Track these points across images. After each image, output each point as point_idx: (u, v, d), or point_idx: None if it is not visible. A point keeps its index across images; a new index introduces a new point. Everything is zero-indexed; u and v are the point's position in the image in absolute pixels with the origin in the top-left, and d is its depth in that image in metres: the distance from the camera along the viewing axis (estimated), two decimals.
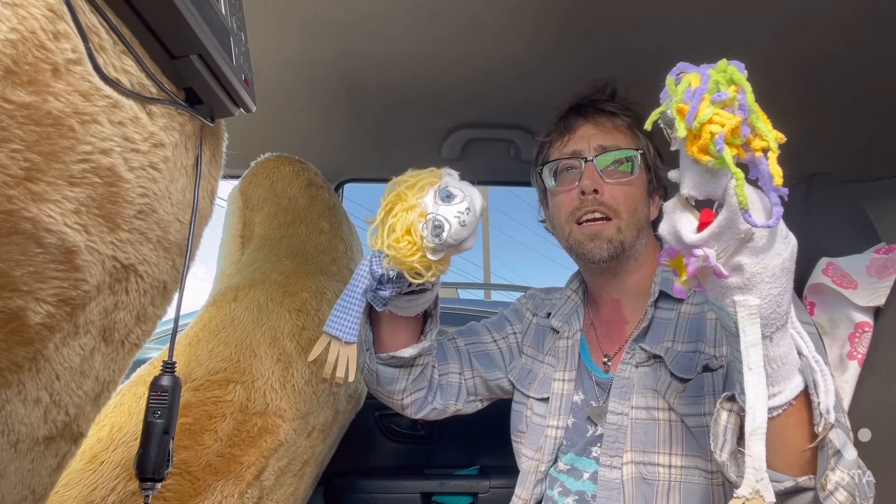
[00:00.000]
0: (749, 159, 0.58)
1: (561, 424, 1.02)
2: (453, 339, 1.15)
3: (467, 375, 1.12)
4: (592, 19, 1.05)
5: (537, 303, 1.19)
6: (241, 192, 1.35)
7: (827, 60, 1.16)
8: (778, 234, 0.61)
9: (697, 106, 0.58)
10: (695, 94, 0.58)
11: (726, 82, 0.59)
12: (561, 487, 0.99)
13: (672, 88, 0.61)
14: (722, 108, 0.58)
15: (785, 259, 0.62)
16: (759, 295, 0.62)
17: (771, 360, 0.66)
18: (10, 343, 0.41)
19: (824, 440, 0.67)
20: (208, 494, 0.90)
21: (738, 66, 0.60)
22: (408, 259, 0.76)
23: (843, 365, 0.96)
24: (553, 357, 1.08)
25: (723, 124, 0.57)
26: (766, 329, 0.63)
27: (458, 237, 0.75)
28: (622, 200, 0.97)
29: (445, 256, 0.79)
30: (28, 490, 0.53)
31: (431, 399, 1.08)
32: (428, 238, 0.75)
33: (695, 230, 0.62)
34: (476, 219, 0.77)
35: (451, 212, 0.75)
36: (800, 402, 0.68)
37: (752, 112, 0.58)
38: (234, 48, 0.55)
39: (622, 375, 0.96)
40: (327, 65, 1.19)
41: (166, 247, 0.54)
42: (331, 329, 0.88)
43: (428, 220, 0.75)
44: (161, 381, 0.58)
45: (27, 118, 0.35)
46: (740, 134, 0.57)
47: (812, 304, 1.05)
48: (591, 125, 1.01)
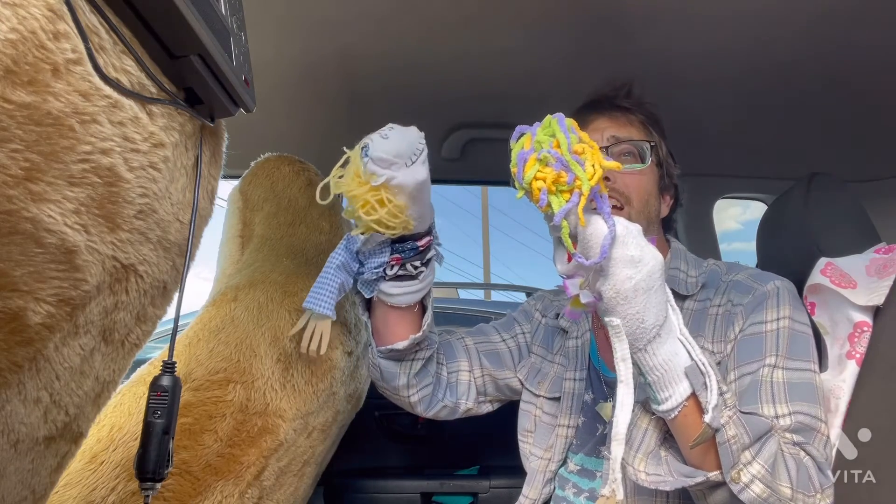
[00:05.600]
0: (574, 199, 0.67)
1: (572, 424, 1.03)
2: (462, 338, 1.16)
3: (477, 374, 1.12)
4: (593, 19, 1.05)
5: (546, 304, 1.20)
6: (241, 192, 1.35)
7: (827, 61, 1.16)
8: (623, 261, 0.68)
9: (523, 168, 0.68)
10: (523, 156, 0.68)
11: (549, 137, 0.69)
12: (575, 488, 1.00)
13: (512, 151, 0.71)
14: (545, 165, 0.67)
15: (637, 282, 0.68)
16: (619, 315, 0.70)
17: (652, 368, 0.73)
18: (10, 343, 0.41)
19: (724, 435, 0.72)
20: (208, 494, 0.90)
21: (559, 120, 0.69)
22: (355, 192, 0.83)
23: (841, 364, 0.96)
24: (563, 357, 1.09)
25: (545, 179, 0.66)
26: (637, 343, 0.71)
27: (384, 149, 0.80)
28: (634, 189, 0.98)
29: (395, 191, 0.83)
30: (28, 490, 0.53)
31: (441, 396, 1.08)
32: (363, 163, 0.82)
33: (565, 262, 0.73)
34: (405, 136, 0.83)
35: (374, 134, 0.83)
36: (694, 403, 0.74)
37: (569, 162, 0.66)
38: (234, 48, 0.55)
39: None
40: (327, 65, 1.19)
41: (166, 247, 0.54)
42: (307, 304, 0.95)
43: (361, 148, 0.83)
44: (161, 381, 0.58)
45: (27, 118, 0.35)
46: (565, 181, 0.66)
47: (812, 305, 1.05)
48: (605, 118, 1.03)
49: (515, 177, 0.69)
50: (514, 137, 0.72)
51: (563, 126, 0.68)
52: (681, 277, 0.98)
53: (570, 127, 0.69)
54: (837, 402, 0.94)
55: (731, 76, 1.22)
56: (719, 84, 1.26)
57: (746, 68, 1.19)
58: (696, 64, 1.18)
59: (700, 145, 1.58)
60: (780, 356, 0.85)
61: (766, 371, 0.84)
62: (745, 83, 1.25)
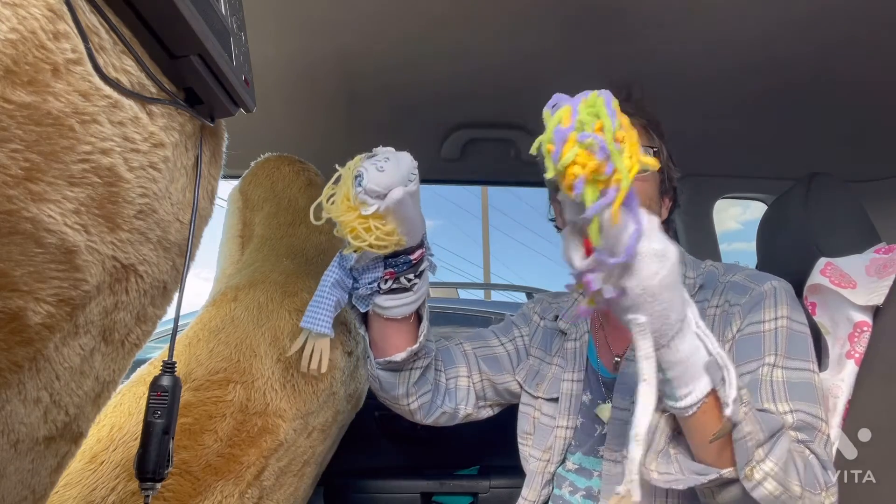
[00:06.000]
0: (611, 194, 0.60)
1: (570, 424, 1.03)
2: (460, 343, 1.17)
3: (475, 378, 1.13)
4: (593, 19, 1.05)
5: (545, 307, 1.21)
6: (241, 192, 1.35)
7: (827, 60, 1.16)
8: (649, 256, 0.65)
9: (560, 149, 0.60)
10: (562, 134, 0.60)
11: (592, 117, 0.60)
12: (571, 486, 1.01)
13: (546, 122, 0.63)
14: (586, 149, 0.59)
15: (663, 277, 0.66)
16: (645, 312, 0.66)
17: (674, 364, 0.70)
18: (10, 343, 0.41)
19: (741, 431, 0.71)
20: (208, 494, 0.90)
21: (605, 100, 0.61)
22: (345, 219, 0.83)
23: (841, 364, 0.96)
24: (561, 358, 1.10)
25: (584, 165, 0.59)
26: (661, 339, 0.68)
27: (378, 181, 0.81)
28: (637, 195, 0.97)
29: (385, 215, 0.83)
30: (28, 490, 0.53)
31: (440, 402, 1.09)
32: (353, 191, 0.82)
33: (583, 256, 0.67)
34: (396, 166, 0.82)
35: (369, 162, 0.83)
36: (713, 399, 0.72)
37: (612, 153, 0.59)
38: (234, 48, 0.55)
39: (626, 372, 0.97)
40: (327, 65, 1.19)
41: (166, 247, 0.54)
42: (305, 323, 0.95)
43: (353, 177, 0.83)
44: (161, 381, 0.58)
45: (27, 118, 0.35)
46: (604, 172, 0.59)
47: (813, 304, 1.05)
48: None
49: (551, 154, 0.61)
50: (549, 106, 0.63)
51: (611, 107, 0.60)
52: None
53: (615, 110, 0.61)
54: (836, 401, 0.94)
55: (732, 76, 1.22)
56: (719, 84, 1.26)
57: (746, 68, 1.19)
58: (696, 64, 1.18)
59: (700, 145, 1.58)
60: (780, 355, 0.85)
61: (766, 370, 0.84)
62: (745, 83, 1.25)
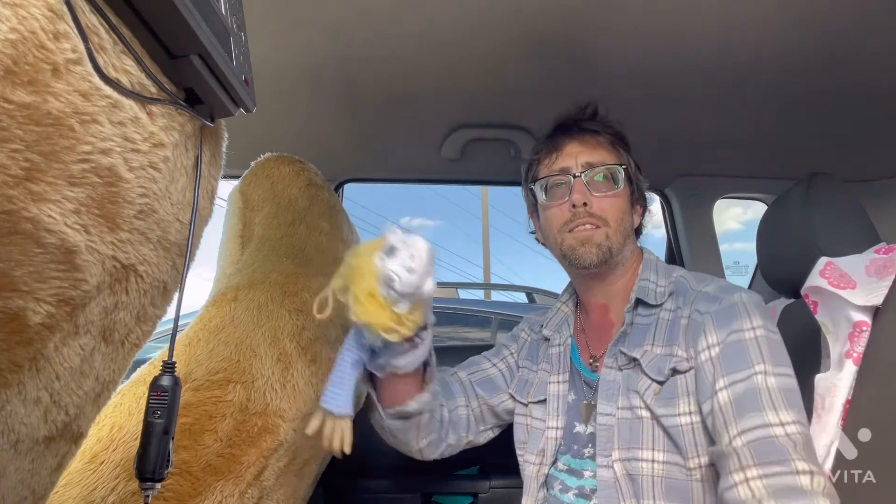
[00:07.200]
0: None
1: (560, 425, 1.06)
2: (455, 373, 1.21)
3: (473, 405, 1.18)
4: (595, 20, 1.05)
5: (531, 324, 1.26)
6: (241, 192, 1.35)
7: (827, 61, 1.16)
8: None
9: None
10: None
11: None
12: (561, 485, 1.03)
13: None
14: None
15: None
16: None
17: None
18: (10, 343, 0.41)
19: None
20: (208, 494, 0.89)
21: None
22: (379, 320, 0.82)
23: (840, 363, 0.97)
24: (547, 363, 1.14)
25: None
26: None
27: (412, 283, 0.80)
28: (610, 211, 1.03)
29: (415, 306, 0.83)
30: (28, 490, 0.53)
31: (445, 436, 1.13)
32: (385, 294, 0.80)
33: None
34: (424, 263, 0.81)
35: (396, 264, 0.80)
36: None
37: None
38: (234, 48, 0.55)
39: (607, 378, 1.00)
40: (327, 65, 1.19)
41: (166, 247, 0.54)
42: (325, 403, 0.93)
43: (380, 278, 0.80)
44: (161, 381, 0.58)
45: (27, 118, 0.35)
46: None
47: (815, 304, 1.06)
48: (576, 143, 1.08)
49: None
50: None
51: None
52: (650, 287, 1.03)
53: None
54: (833, 399, 0.94)
55: (732, 76, 1.23)
56: (719, 84, 1.26)
57: (746, 68, 1.20)
58: (696, 63, 1.18)
59: (700, 145, 1.58)
60: (768, 363, 0.86)
61: (760, 379, 0.85)
62: (745, 83, 1.26)
